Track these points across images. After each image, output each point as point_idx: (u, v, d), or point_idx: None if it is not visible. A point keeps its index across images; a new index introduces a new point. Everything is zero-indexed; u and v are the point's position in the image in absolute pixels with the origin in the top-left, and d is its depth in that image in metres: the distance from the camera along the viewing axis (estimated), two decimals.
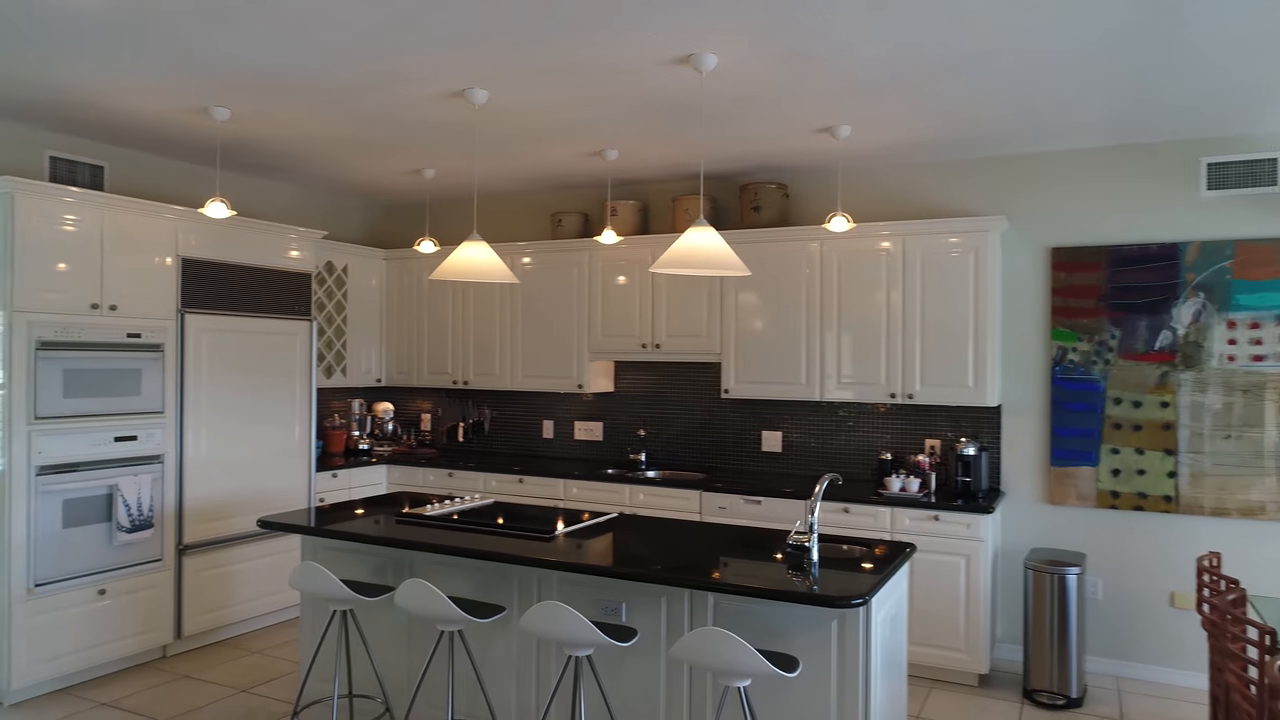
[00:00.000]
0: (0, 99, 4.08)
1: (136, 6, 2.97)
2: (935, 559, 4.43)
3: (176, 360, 4.64)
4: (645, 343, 5.47)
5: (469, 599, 3.37)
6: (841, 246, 4.92)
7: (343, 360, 6.09)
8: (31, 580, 4.03)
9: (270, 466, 5.16)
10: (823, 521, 4.67)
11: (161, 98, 4.01)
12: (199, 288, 4.76)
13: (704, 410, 5.67)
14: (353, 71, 3.60)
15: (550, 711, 3.31)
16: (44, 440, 4.07)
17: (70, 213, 4.17)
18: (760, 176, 5.48)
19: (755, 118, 4.20)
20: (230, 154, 5.10)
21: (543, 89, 3.80)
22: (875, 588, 2.77)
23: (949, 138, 4.54)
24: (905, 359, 4.77)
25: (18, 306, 3.98)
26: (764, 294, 5.12)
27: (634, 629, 2.97)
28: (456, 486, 5.75)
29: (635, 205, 5.61)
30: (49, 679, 4.14)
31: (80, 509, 4.21)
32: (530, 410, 6.23)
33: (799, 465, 5.39)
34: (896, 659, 3.18)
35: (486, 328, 6.01)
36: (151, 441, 4.51)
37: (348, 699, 3.74)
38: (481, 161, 5.22)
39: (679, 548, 3.31)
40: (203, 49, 3.37)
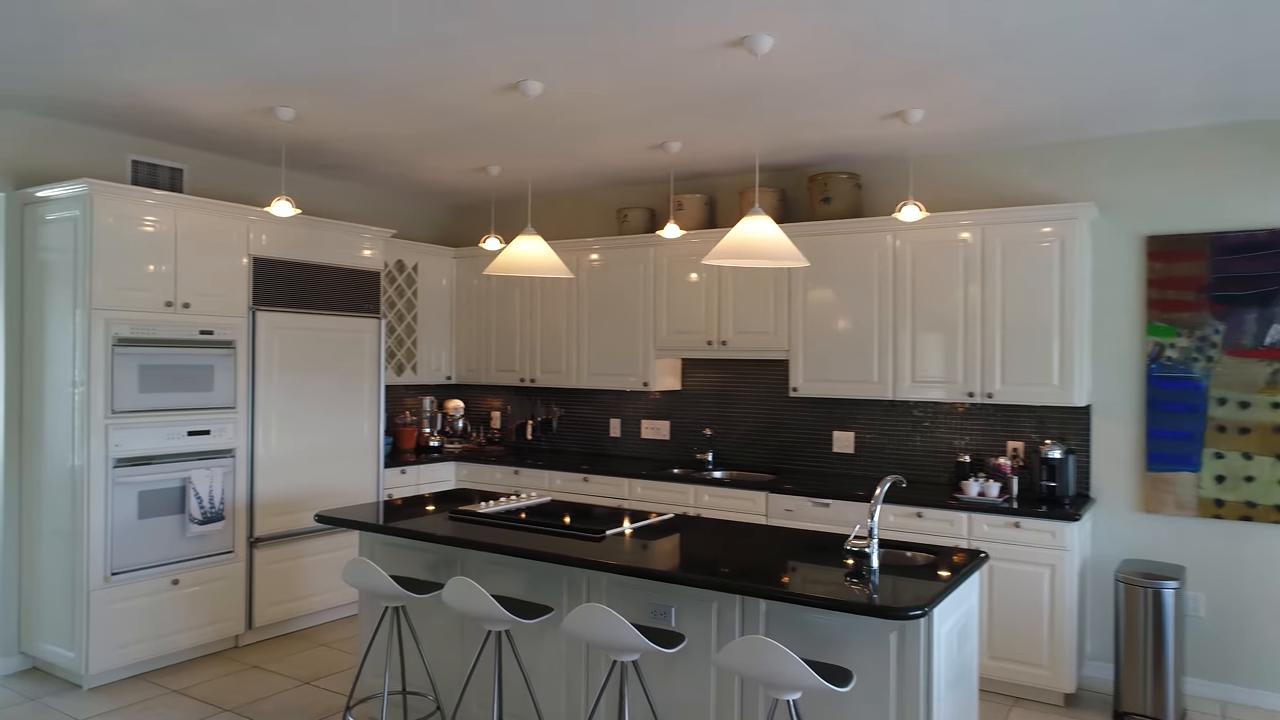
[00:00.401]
0: (82, 105, 4.24)
1: (173, 4, 3.01)
2: (1016, 569, 4.16)
3: (248, 357, 4.74)
4: (711, 339, 5.33)
5: (517, 599, 3.31)
6: (916, 238, 4.68)
7: (413, 358, 6.15)
8: (109, 569, 4.17)
9: (340, 462, 5.23)
10: (894, 527, 4.45)
11: (226, 99, 4.09)
12: (270, 286, 4.86)
13: (773, 409, 5.49)
14: (403, 65, 3.59)
15: (595, 717, 3.22)
16: (120, 434, 4.20)
17: (145, 213, 4.30)
18: (831, 166, 5.28)
19: (818, 103, 4.02)
20: (302, 155, 5.19)
21: (595, 78, 3.71)
22: (938, 598, 2.57)
23: (1031, 120, 4.26)
24: (985, 356, 4.50)
25: (96, 304, 4.12)
26: (834, 288, 4.92)
27: (681, 635, 2.85)
28: (523, 484, 5.72)
29: (701, 199, 5.48)
30: (124, 665, 4.27)
31: (155, 501, 4.34)
32: (597, 409, 6.16)
33: (871, 467, 5.16)
34: (965, 674, 2.97)
35: (553, 325, 5.97)
36: (223, 436, 4.62)
37: (401, 695, 3.73)
38: (543, 157, 5.17)
39: (735, 551, 3.17)
40: (252, 47, 3.40)
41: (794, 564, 2.97)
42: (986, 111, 4.12)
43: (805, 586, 2.67)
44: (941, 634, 2.71)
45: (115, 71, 3.73)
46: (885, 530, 4.47)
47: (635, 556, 3.07)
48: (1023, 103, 3.98)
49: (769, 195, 5.20)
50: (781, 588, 2.66)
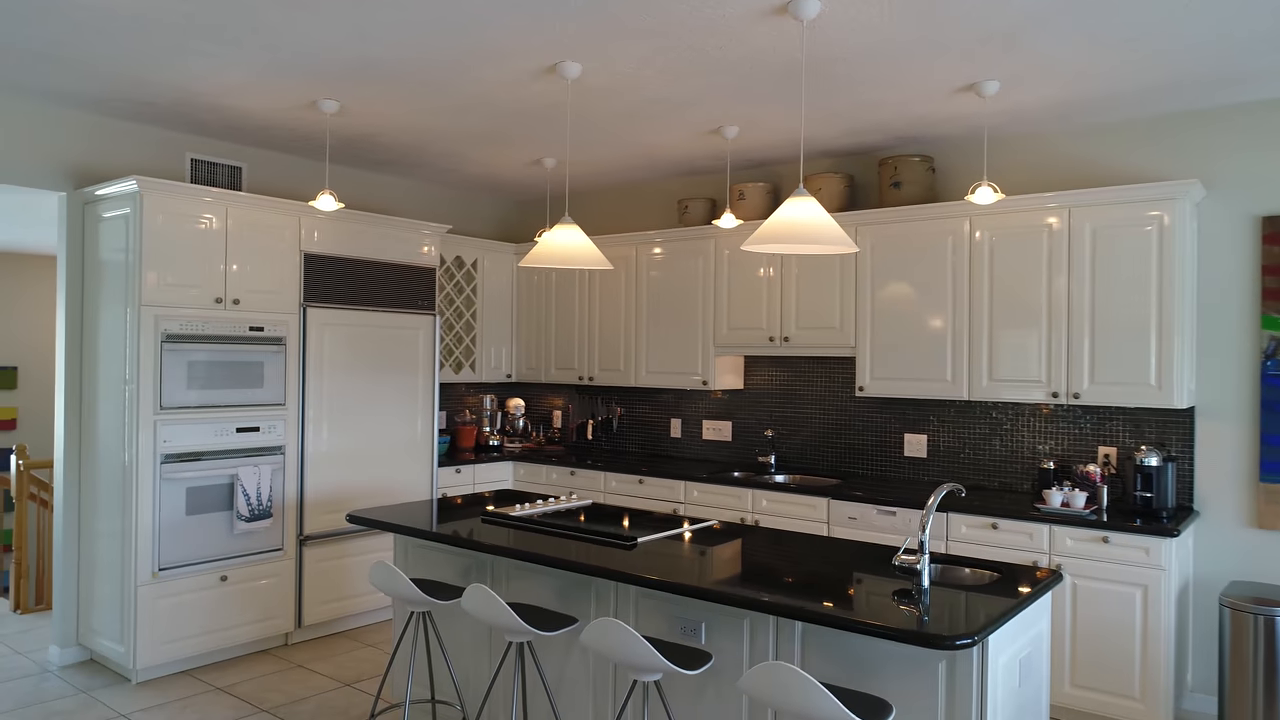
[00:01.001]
0: (139, 104, 4.27)
1: None
2: (1105, 588, 3.74)
3: (299, 353, 4.72)
4: (773, 336, 5.04)
5: (543, 608, 3.12)
6: (995, 224, 4.29)
7: (472, 355, 6.06)
8: (156, 564, 4.19)
9: (392, 460, 5.17)
10: (967, 539, 4.08)
11: (270, 93, 4.05)
12: (322, 282, 4.82)
13: (839, 410, 5.16)
14: (434, 50, 3.45)
15: None
16: (169, 429, 4.21)
17: (195, 210, 4.31)
18: (903, 149, 4.92)
19: (878, 77, 3.70)
20: (356, 151, 5.15)
21: (635, 57, 3.50)
22: (993, 624, 2.26)
23: (1124, 89, 3.82)
24: (1071, 353, 4.08)
25: (145, 301, 4.14)
26: (905, 280, 4.56)
27: (708, 654, 2.61)
28: (578, 485, 5.55)
29: (765, 188, 5.19)
30: (172, 660, 4.29)
31: (203, 497, 4.34)
32: (658, 408, 5.94)
33: (945, 473, 4.77)
34: (1031, 708, 2.63)
35: (612, 321, 5.78)
36: (273, 433, 4.60)
37: (430, 704, 3.59)
38: (595, 148, 4.98)
39: (776, 562, 2.91)
40: (288, 35, 3.32)
41: (840, 579, 2.69)
42: (1072, 81, 3.72)
43: (843, 606, 2.39)
44: (999, 664, 2.38)
45: (163, 68, 3.72)
46: (958, 542, 4.10)
47: (663, 567, 2.83)
48: (1115, 70, 3.56)
49: (835, 181, 4.88)
50: (810, 606, 2.38)
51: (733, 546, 3.16)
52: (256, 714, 3.88)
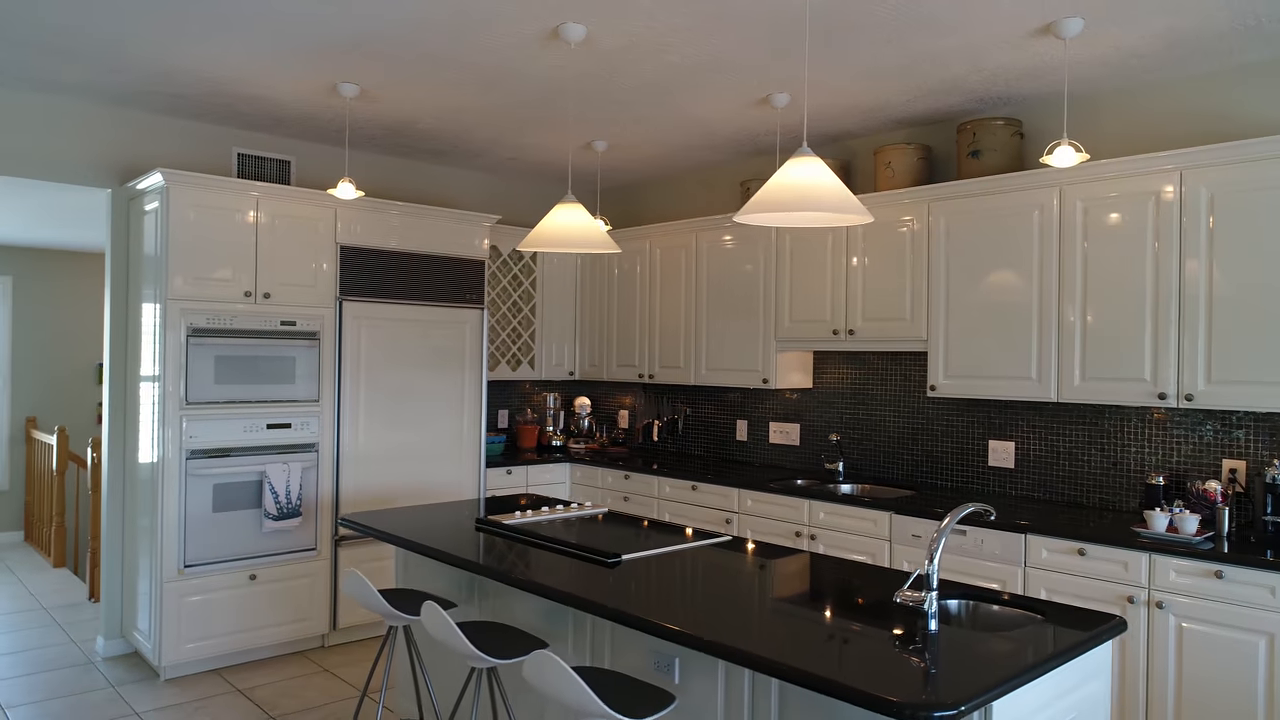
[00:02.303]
0: (172, 98, 4.25)
1: None
2: (1217, 634, 3.04)
3: (334, 348, 4.59)
4: (837, 329, 4.51)
5: (517, 628, 2.78)
6: (1090, 193, 3.62)
7: (531, 352, 5.82)
8: (182, 561, 4.14)
9: (436, 459, 4.98)
10: (1048, 565, 3.44)
11: (285, 77, 3.91)
12: (360, 275, 4.68)
13: (916, 412, 4.57)
14: (427, 17, 3.18)
15: None
16: (195, 425, 4.16)
17: (224, 203, 4.24)
18: (987, 112, 4.28)
19: (934, 17, 3.15)
20: (404, 141, 5.00)
21: (642, 10, 3.11)
22: (990, 691, 1.74)
23: (1246, 23, 3.10)
24: (1184, 346, 3.37)
25: (171, 295, 4.10)
26: (984, 262, 3.95)
27: (671, 697, 2.19)
28: (632, 490, 5.19)
29: (834, 164, 4.66)
30: (201, 659, 4.23)
31: (231, 494, 4.27)
32: (724, 409, 5.50)
33: (1036, 485, 4.11)
34: None
35: (672, 315, 5.39)
36: (306, 430, 4.49)
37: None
38: (640, 127, 4.61)
39: (775, 590, 2.45)
40: (294, 13, 3.14)
41: (840, 615, 2.21)
42: (1177, 11, 3.04)
43: (819, 650, 1.93)
44: None
45: (179, 54, 3.64)
46: (1038, 569, 3.47)
47: (637, 591, 2.44)
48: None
49: (907, 153, 4.31)
50: (762, 654, 1.93)
51: (733, 567, 2.72)
52: None
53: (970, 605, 2.43)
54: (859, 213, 2.44)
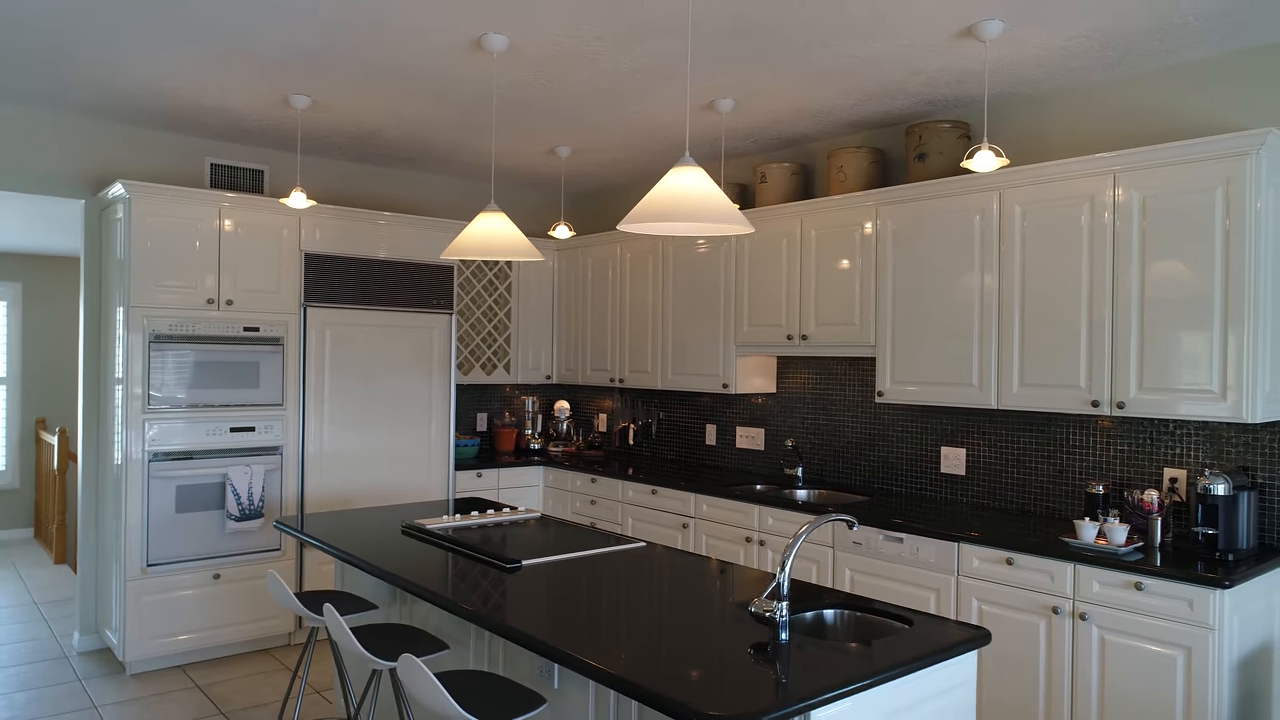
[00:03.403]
0: (151, 112, 4.39)
1: None
2: (1137, 648, 2.98)
3: (298, 353, 4.70)
4: (791, 334, 4.50)
5: (423, 630, 2.83)
6: (1028, 197, 3.57)
7: (506, 356, 5.88)
8: (145, 560, 4.27)
9: (405, 462, 5.07)
10: (979, 574, 3.40)
11: (241, 91, 4.02)
12: (325, 282, 4.78)
13: (872, 418, 4.54)
14: (357, 31, 3.26)
15: None
16: (158, 428, 4.29)
17: (186, 212, 4.37)
18: (938, 115, 4.24)
19: (857, 28, 3.14)
20: (373, 149, 5.10)
21: (561, 21, 3.14)
22: (806, 701, 1.74)
23: (1172, 22, 3.04)
24: (1116, 352, 3.32)
25: (134, 302, 4.23)
26: (926, 267, 3.92)
27: (541, 700, 2.23)
28: (599, 493, 5.23)
29: (789, 168, 4.66)
30: (166, 655, 4.36)
31: (194, 495, 4.40)
32: (695, 413, 5.51)
33: (986, 493, 4.06)
34: None
35: (639, 320, 5.41)
36: (270, 433, 4.61)
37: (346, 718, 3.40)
38: (596, 134, 4.64)
39: (655, 598, 2.47)
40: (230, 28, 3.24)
41: (701, 623, 2.22)
42: (1093, 15, 3.00)
43: (667, 658, 1.95)
44: None
45: (130, 67, 3.77)
46: (969, 578, 3.43)
47: (526, 595, 2.48)
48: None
49: (858, 157, 4.29)
50: (600, 659, 1.95)
51: (628, 574, 2.74)
52: (214, 716, 3.85)
53: (845, 615, 2.43)
54: (738, 223, 2.45)
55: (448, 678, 2.36)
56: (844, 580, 3.88)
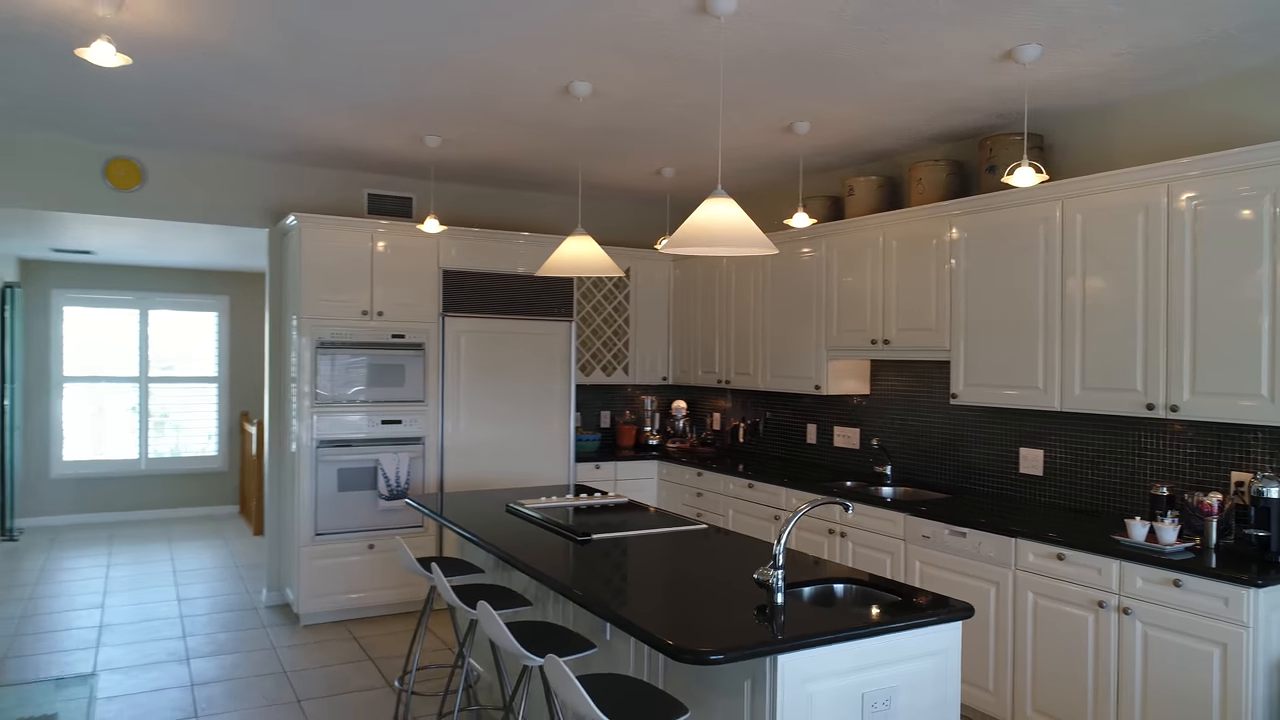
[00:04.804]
0: (321, 154, 5.24)
1: (297, 51, 3.64)
2: (1175, 642, 3.09)
3: (438, 357, 5.42)
4: (875, 338, 4.75)
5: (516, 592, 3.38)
6: (1088, 206, 3.70)
7: (624, 359, 6.41)
8: (314, 529, 5.10)
9: (530, 454, 5.69)
10: (1032, 569, 3.57)
11: (387, 135, 4.76)
12: (460, 294, 5.48)
13: (956, 419, 4.71)
14: (464, 84, 3.87)
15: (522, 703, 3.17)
16: (323, 420, 5.11)
17: (345, 237, 5.17)
18: (1012, 127, 4.38)
19: (906, 60, 3.42)
20: (501, 174, 5.76)
21: (633, 70, 3.62)
22: (769, 645, 2.12)
23: (1219, 32, 3.13)
24: (1170, 356, 3.40)
25: (304, 314, 5.07)
26: (995, 275, 4.09)
27: (591, 644, 2.70)
28: (704, 486, 5.65)
29: (876, 181, 4.91)
30: (331, 610, 5.18)
31: (352, 477, 5.19)
32: (798, 413, 5.83)
33: (1062, 494, 4.17)
34: None
35: (742, 325, 5.79)
36: (414, 426, 5.35)
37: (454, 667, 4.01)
38: (692, 155, 5.07)
39: (691, 566, 2.90)
40: (363, 89, 3.95)
41: (730, 588, 2.63)
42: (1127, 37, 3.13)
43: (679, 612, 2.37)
44: (809, 691, 2.21)
45: (306, 124, 4.59)
46: (1025, 572, 3.60)
47: (584, 562, 2.96)
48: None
49: (936, 169, 4.49)
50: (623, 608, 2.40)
51: (680, 547, 3.17)
52: (361, 660, 4.59)
53: (852, 589, 2.75)
54: (763, 246, 2.83)
55: (519, 626, 2.88)
56: (914, 572, 4.12)
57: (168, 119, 4.52)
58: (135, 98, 4.14)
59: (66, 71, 3.77)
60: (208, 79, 3.84)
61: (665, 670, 2.64)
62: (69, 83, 3.94)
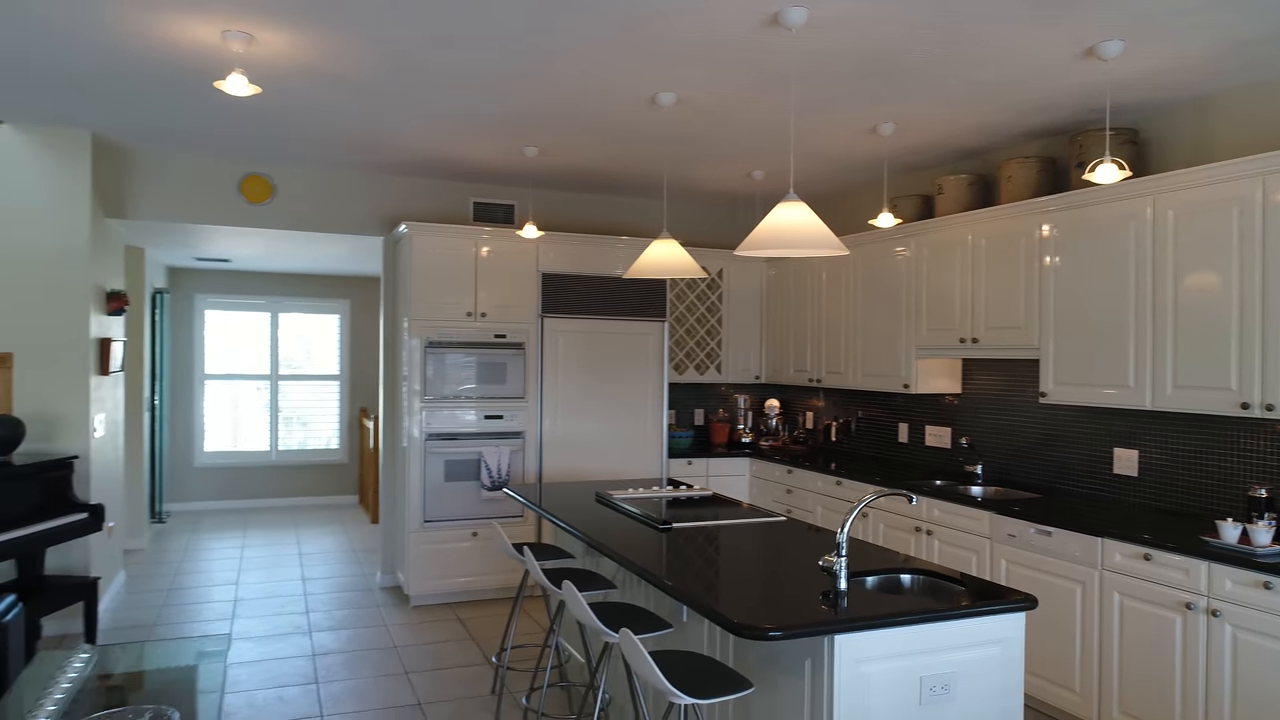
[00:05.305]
0: (430, 166, 5.62)
1: (407, 76, 3.98)
2: (1268, 647, 3.03)
3: (536, 356, 5.71)
4: (964, 337, 4.75)
5: (600, 575, 3.59)
6: (1181, 202, 3.63)
7: (717, 358, 6.56)
8: (423, 516, 5.46)
9: (624, 448, 5.92)
10: (1118, 568, 3.54)
11: (488, 147, 5.06)
12: (557, 296, 5.76)
13: (1049, 418, 4.65)
14: (554, 96, 4.11)
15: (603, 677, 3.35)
16: (431, 415, 5.47)
17: (451, 244, 5.52)
18: (1102, 121, 4.30)
19: (985, 61, 3.46)
20: (595, 181, 6.01)
21: (724, 83, 3.78)
22: (825, 625, 2.25)
23: None
24: (1266, 353, 3.32)
25: (414, 315, 5.44)
26: (1084, 273, 4.05)
27: (665, 624, 2.88)
28: (794, 483, 5.74)
29: (966, 179, 4.89)
30: (437, 593, 5.54)
31: (457, 468, 5.53)
32: (889, 412, 5.84)
33: (1157, 495, 4.08)
34: None
35: (834, 324, 5.85)
36: (514, 420, 5.65)
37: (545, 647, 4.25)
38: (779, 159, 5.18)
39: (764, 553, 3.04)
40: (467, 104, 4.26)
41: (793, 575, 2.76)
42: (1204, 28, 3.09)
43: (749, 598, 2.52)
44: (865, 671, 2.32)
45: (418, 139, 4.95)
46: (1111, 571, 3.57)
47: (661, 549, 3.14)
48: None
49: (1025, 166, 4.46)
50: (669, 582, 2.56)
51: (756, 536, 3.31)
52: (464, 640, 4.90)
53: (919, 578, 2.82)
54: (833, 248, 2.94)
55: (601, 607, 3.08)
56: (1000, 570, 4.11)
57: (293, 138, 4.96)
58: (265, 120, 4.57)
59: (206, 100, 4.21)
60: (327, 102, 4.21)
61: (735, 650, 2.79)
62: (208, 110, 4.39)
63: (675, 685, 2.33)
